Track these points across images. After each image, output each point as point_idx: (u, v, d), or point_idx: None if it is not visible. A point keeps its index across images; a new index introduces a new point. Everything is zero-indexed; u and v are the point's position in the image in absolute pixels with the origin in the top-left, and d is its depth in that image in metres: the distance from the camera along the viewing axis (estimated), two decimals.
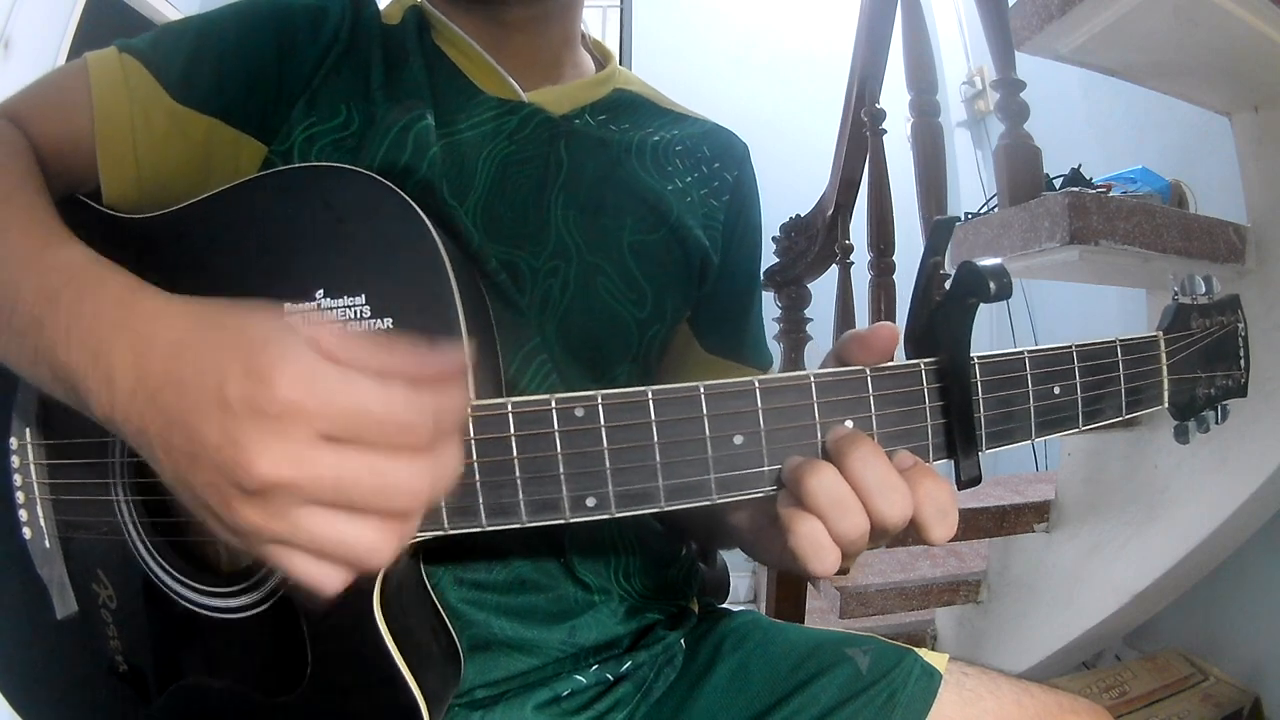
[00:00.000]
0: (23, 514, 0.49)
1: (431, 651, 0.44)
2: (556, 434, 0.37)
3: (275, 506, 0.29)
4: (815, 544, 0.37)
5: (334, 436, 0.29)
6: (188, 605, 0.46)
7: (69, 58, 1.72)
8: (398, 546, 0.31)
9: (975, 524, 1.33)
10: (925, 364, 0.40)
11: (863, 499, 0.37)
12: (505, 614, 0.52)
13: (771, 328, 1.63)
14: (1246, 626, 1.37)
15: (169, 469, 0.32)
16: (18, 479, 0.49)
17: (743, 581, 2.22)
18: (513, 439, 0.37)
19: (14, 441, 0.49)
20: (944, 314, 0.39)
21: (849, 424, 0.39)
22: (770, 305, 1.62)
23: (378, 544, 0.30)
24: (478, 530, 0.38)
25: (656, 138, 0.63)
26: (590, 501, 0.37)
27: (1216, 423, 0.50)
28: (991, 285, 0.37)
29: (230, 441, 0.29)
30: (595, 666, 0.56)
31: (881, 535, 0.38)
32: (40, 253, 0.39)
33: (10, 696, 0.54)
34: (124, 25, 1.90)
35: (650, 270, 0.59)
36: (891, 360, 0.40)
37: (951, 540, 0.39)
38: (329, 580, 0.31)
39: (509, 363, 0.51)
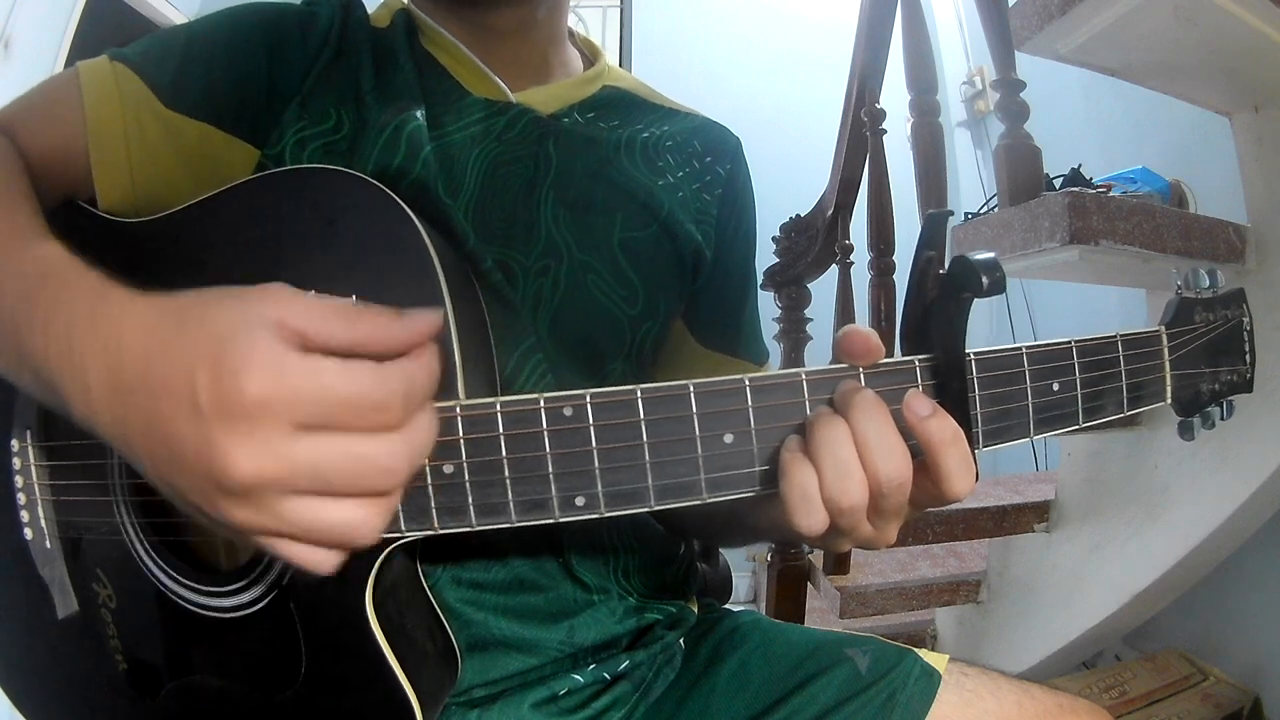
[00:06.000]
0: (24, 515, 0.49)
1: (427, 651, 0.45)
2: (545, 433, 0.37)
3: (259, 502, 0.30)
4: (804, 496, 0.36)
5: (307, 425, 0.29)
6: (184, 605, 0.46)
7: (69, 58, 1.72)
8: (385, 520, 0.32)
9: (975, 524, 1.32)
10: (920, 361, 0.39)
11: (861, 453, 0.36)
12: (504, 614, 0.52)
13: (771, 328, 1.62)
14: (1246, 626, 1.37)
15: (152, 471, 0.32)
16: (19, 480, 0.49)
17: (743, 581, 2.22)
18: (501, 438, 0.37)
19: (15, 443, 0.49)
20: (938, 309, 0.39)
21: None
22: (770, 305, 1.61)
23: (364, 522, 0.31)
24: (467, 530, 0.38)
25: (646, 134, 0.63)
26: (579, 501, 0.37)
27: (1222, 418, 0.48)
28: (984, 279, 0.36)
29: (207, 444, 0.29)
30: (593, 666, 0.56)
31: (879, 500, 0.37)
32: (17, 252, 0.39)
33: (13, 694, 0.54)
34: (124, 25, 1.90)
35: (641, 267, 0.58)
36: (885, 356, 0.39)
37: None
38: (322, 562, 0.32)
39: (505, 361, 0.51)
